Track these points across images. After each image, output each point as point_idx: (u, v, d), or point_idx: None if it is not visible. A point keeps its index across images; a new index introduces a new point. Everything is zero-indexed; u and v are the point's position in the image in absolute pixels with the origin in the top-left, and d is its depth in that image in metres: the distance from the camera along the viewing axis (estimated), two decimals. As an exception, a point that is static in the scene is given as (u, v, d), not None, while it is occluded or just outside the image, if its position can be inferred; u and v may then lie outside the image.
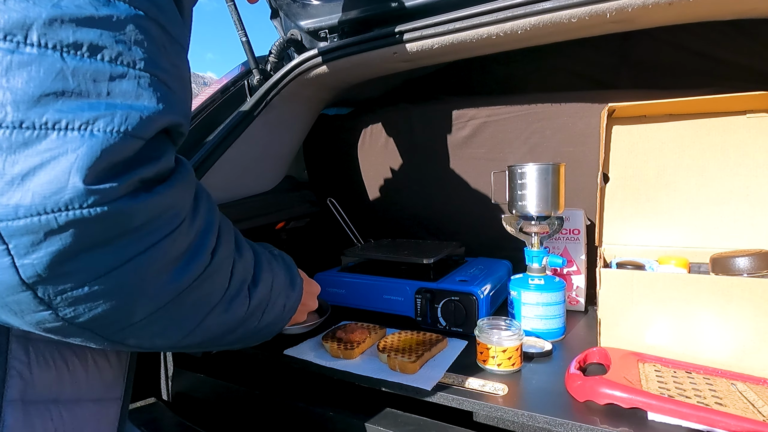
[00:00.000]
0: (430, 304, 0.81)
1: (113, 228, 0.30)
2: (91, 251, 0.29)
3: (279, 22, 0.98)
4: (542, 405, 0.55)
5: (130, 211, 0.30)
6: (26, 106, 0.27)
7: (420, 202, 1.21)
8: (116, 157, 0.29)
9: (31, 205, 0.27)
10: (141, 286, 0.32)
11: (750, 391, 0.55)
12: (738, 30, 0.93)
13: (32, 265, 0.28)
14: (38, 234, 0.28)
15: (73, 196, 0.28)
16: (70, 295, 0.30)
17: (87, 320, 0.32)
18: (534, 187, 0.75)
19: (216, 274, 0.39)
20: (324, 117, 1.26)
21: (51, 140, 0.27)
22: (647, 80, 1.05)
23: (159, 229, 0.33)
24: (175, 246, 0.34)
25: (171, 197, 0.33)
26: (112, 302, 0.32)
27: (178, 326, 0.38)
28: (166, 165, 0.34)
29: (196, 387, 0.84)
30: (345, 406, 0.67)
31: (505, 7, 0.71)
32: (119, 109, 0.30)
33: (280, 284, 0.50)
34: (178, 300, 0.36)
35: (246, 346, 0.50)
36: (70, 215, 0.28)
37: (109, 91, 0.30)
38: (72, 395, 0.43)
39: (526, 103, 1.02)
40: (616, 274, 0.68)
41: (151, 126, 0.31)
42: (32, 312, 0.30)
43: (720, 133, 0.77)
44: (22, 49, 0.28)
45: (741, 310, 0.60)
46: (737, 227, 0.76)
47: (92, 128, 0.28)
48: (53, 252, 0.28)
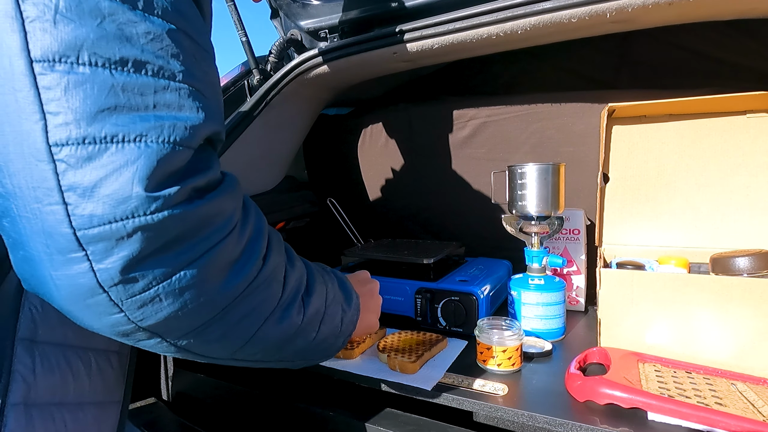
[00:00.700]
0: (430, 304, 0.81)
1: (173, 233, 0.32)
2: (155, 256, 0.32)
3: (279, 22, 0.98)
4: (542, 405, 0.55)
5: (187, 216, 0.32)
6: (86, 122, 0.29)
7: (420, 202, 1.21)
8: (170, 167, 0.32)
9: (103, 215, 0.30)
10: (199, 291, 0.34)
11: (750, 391, 0.55)
12: (738, 30, 0.93)
13: (107, 269, 0.30)
14: (111, 240, 0.30)
15: (138, 204, 0.30)
16: (138, 299, 0.32)
17: (153, 324, 0.34)
18: (534, 187, 0.75)
19: (269, 280, 0.40)
20: (324, 117, 1.26)
21: (111, 153, 0.30)
22: (647, 80, 1.05)
23: (213, 234, 0.34)
24: (228, 251, 0.36)
25: (222, 204, 0.35)
26: (174, 306, 0.33)
27: (236, 334, 0.39)
28: (215, 174, 0.36)
29: (196, 387, 0.84)
30: (345, 406, 0.67)
31: (505, 7, 0.71)
32: (166, 120, 0.32)
33: (335, 296, 0.51)
34: (235, 306, 0.37)
35: (308, 363, 0.51)
36: (136, 222, 0.30)
37: (155, 103, 0.32)
38: (75, 399, 0.43)
39: (526, 103, 1.02)
40: (616, 274, 0.68)
41: (196, 136, 0.33)
42: (108, 315, 0.32)
43: (720, 133, 0.77)
44: (76, 69, 0.29)
45: (741, 310, 0.60)
46: (737, 227, 0.76)
47: (146, 140, 0.31)
48: (124, 257, 0.30)
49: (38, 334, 0.40)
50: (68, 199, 0.29)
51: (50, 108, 0.29)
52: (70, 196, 0.29)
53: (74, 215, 0.29)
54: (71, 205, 0.29)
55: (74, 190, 0.29)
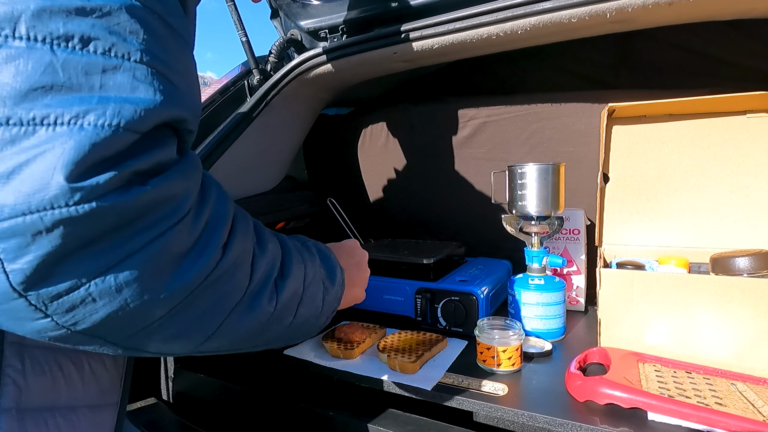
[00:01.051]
0: (430, 304, 0.81)
1: (104, 225, 0.28)
2: (82, 251, 0.28)
3: (279, 22, 0.98)
4: (542, 405, 0.55)
5: (122, 206, 0.28)
6: (13, 101, 0.26)
7: (420, 202, 1.21)
8: (107, 151, 0.28)
9: (15, 205, 0.26)
10: (142, 288, 0.30)
11: (750, 391, 0.55)
12: (738, 30, 0.93)
13: (21, 270, 0.27)
14: (25, 236, 0.26)
15: (57, 193, 0.26)
16: (65, 300, 0.28)
17: (90, 327, 0.30)
18: (534, 187, 0.75)
19: (232, 270, 0.36)
20: (324, 117, 1.26)
21: (39, 136, 0.26)
22: (647, 80, 1.05)
23: (157, 223, 0.30)
24: (177, 242, 0.32)
25: (170, 188, 0.31)
26: (111, 306, 0.30)
27: (197, 329, 0.36)
28: (166, 157, 0.32)
29: (196, 387, 0.84)
30: (345, 406, 0.67)
31: (505, 7, 0.71)
32: (112, 102, 0.28)
33: (315, 274, 0.47)
34: (190, 302, 0.34)
35: (289, 343, 0.47)
36: (56, 214, 0.26)
37: (102, 84, 0.28)
38: (68, 402, 0.42)
39: (526, 103, 1.02)
40: (616, 274, 0.68)
41: (147, 119, 0.30)
42: (30, 320, 0.29)
43: (720, 133, 0.77)
44: (10, 43, 0.26)
45: (741, 310, 0.60)
46: (737, 227, 0.76)
47: (82, 122, 0.27)
48: (42, 255, 0.27)
49: (27, 337, 0.38)
50: None
51: None
52: None
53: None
54: None
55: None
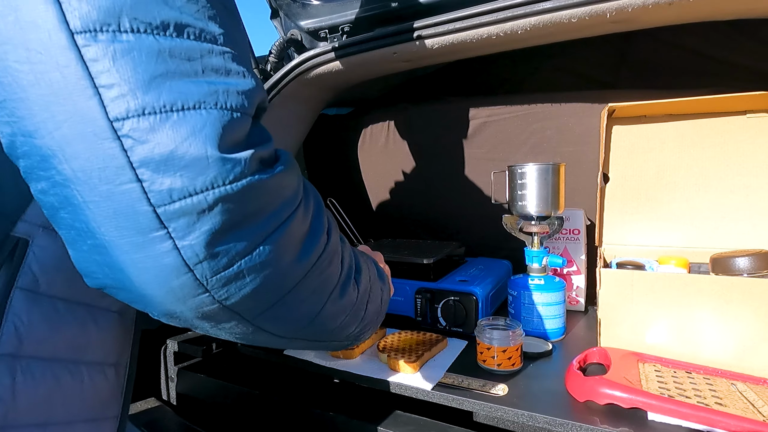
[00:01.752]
0: (430, 304, 0.81)
1: (250, 205, 0.31)
2: (235, 229, 0.30)
3: (279, 22, 0.98)
4: (542, 405, 0.55)
5: (263, 186, 0.31)
6: (142, 92, 0.27)
7: (420, 202, 1.21)
8: (235, 135, 0.30)
9: (182, 188, 0.28)
10: (277, 266, 0.33)
11: (750, 391, 0.55)
12: (738, 30, 0.93)
13: (191, 246, 0.29)
14: (192, 215, 0.28)
15: (216, 173, 0.28)
16: (222, 276, 0.30)
17: (237, 301, 0.32)
18: (534, 187, 0.75)
19: (333, 255, 0.40)
20: (324, 117, 1.26)
21: (174, 122, 0.28)
22: (647, 80, 1.05)
23: (284, 207, 0.33)
24: (298, 224, 0.35)
25: (287, 176, 0.34)
26: (256, 282, 0.32)
27: (305, 310, 0.38)
28: (273, 146, 0.34)
29: (196, 388, 0.84)
30: (345, 406, 0.67)
31: (505, 7, 0.71)
32: (219, 85, 0.30)
33: (373, 275, 0.50)
34: (305, 281, 0.36)
35: (355, 343, 0.50)
36: (217, 193, 0.29)
37: (203, 68, 0.30)
38: (64, 418, 0.40)
39: (526, 103, 1.02)
40: (616, 274, 0.68)
41: (250, 102, 0.32)
42: (193, 296, 0.31)
43: (720, 133, 0.77)
44: (119, 37, 0.27)
45: (741, 310, 0.60)
46: (737, 227, 0.76)
47: (205, 105, 0.29)
48: (207, 231, 0.29)
49: (22, 348, 0.37)
50: (142, 175, 0.27)
51: (101, 81, 0.27)
52: (144, 172, 0.27)
53: (152, 192, 0.28)
54: (146, 182, 0.27)
55: (147, 165, 0.27)
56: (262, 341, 0.39)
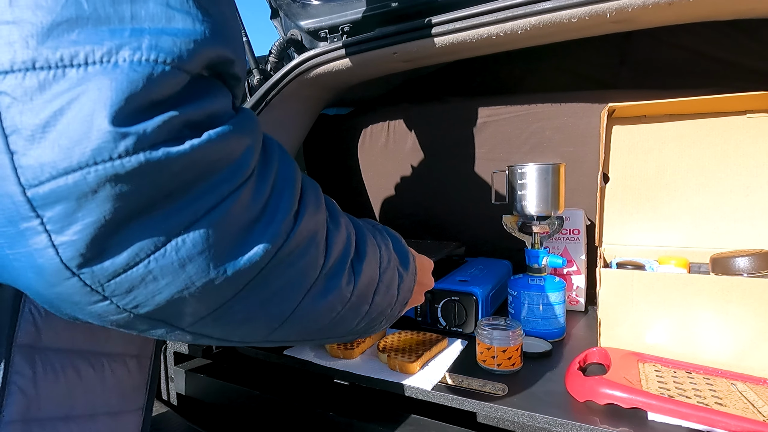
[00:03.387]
0: (430, 304, 0.81)
1: (158, 185, 0.23)
2: (137, 218, 0.23)
3: (279, 22, 0.98)
4: (542, 405, 0.55)
5: (177, 160, 0.23)
6: (36, 41, 0.22)
7: (420, 202, 1.21)
8: (150, 93, 0.23)
9: (54, 162, 0.21)
10: (207, 262, 0.26)
11: (750, 391, 0.55)
12: (738, 30, 0.93)
13: (72, 242, 0.22)
14: (69, 200, 0.22)
15: (100, 143, 0.22)
16: (123, 279, 0.24)
17: (153, 309, 0.26)
18: (534, 187, 0.75)
19: (307, 242, 0.31)
20: (324, 117, 1.26)
21: (70, 78, 0.22)
22: (647, 80, 1.05)
23: (219, 185, 0.26)
24: (243, 207, 0.27)
25: (228, 143, 0.26)
26: (177, 284, 0.25)
27: (270, 313, 0.31)
28: (220, 108, 0.27)
29: (196, 387, 0.84)
30: (345, 406, 0.67)
31: (505, 7, 0.71)
32: (147, 34, 0.23)
33: (390, 259, 0.43)
34: (263, 277, 0.29)
35: (361, 336, 0.44)
36: (100, 170, 0.22)
37: (132, 14, 0.24)
38: (85, 410, 0.38)
39: (526, 103, 1.02)
40: (616, 274, 0.68)
41: (191, 54, 0.25)
42: (88, 304, 0.25)
43: (720, 133, 0.77)
44: None
45: (741, 310, 0.60)
46: (737, 227, 0.76)
47: (116, 58, 0.22)
48: (92, 223, 0.22)
49: (40, 339, 0.35)
50: (13, 145, 0.21)
51: (2, 31, 0.22)
52: (16, 140, 0.21)
53: (21, 167, 0.21)
54: (17, 153, 0.21)
55: (20, 132, 0.21)
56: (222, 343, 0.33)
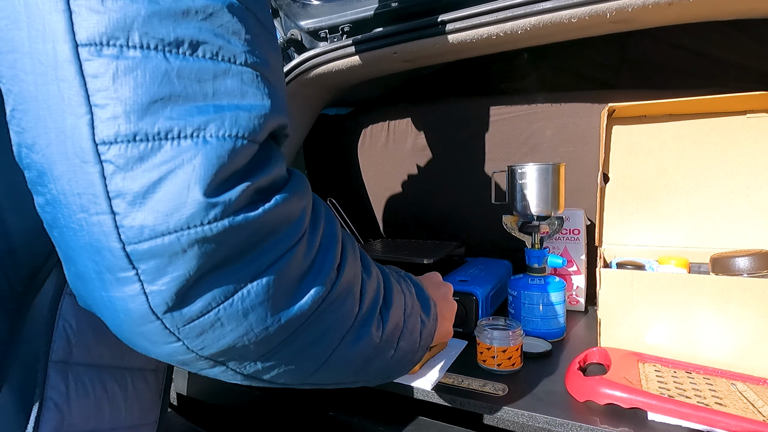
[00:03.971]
0: (430, 304, 0.81)
1: (235, 245, 0.27)
2: (214, 273, 0.27)
3: (279, 22, 0.98)
4: (542, 405, 0.55)
5: (251, 224, 0.27)
6: (137, 116, 0.25)
7: (420, 202, 1.21)
8: (233, 165, 0.27)
9: (154, 226, 0.25)
10: (265, 311, 0.29)
11: (750, 391, 0.55)
12: (738, 30, 0.93)
13: (160, 292, 0.26)
14: (163, 257, 0.25)
15: (194, 211, 0.25)
16: (196, 325, 0.27)
17: (216, 352, 0.29)
18: (534, 187, 0.75)
19: (345, 294, 0.35)
20: (324, 117, 1.26)
21: (165, 151, 0.25)
22: (647, 80, 1.05)
23: (279, 243, 0.29)
24: (297, 262, 0.30)
25: (289, 207, 0.30)
26: (238, 331, 0.29)
27: (310, 357, 0.34)
28: (280, 172, 0.30)
29: (197, 387, 0.84)
30: (345, 406, 0.67)
31: (505, 7, 0.71)
32: (227, 110, 0.27)
33: (414, 306, 0.46)
34: (307, 326, 0.32)
35: (385, 381, 0.45)
36: (191, 234, 0.25)
37: (214, 91, 0.27)
38: (110, 425, 0.40)
39: (526, 103, 1.02)
40: (616, 274, 0.68)
41: (262, 127, 0.28)
42: (164, 344, 0.28)
43: (720, 133, 0.77)
44: (125, 54, 0.25)
45: (741, 310, 0.60)
46: (737, 227, 0.76)
47: (204, 134, 0.26)
48: (178, 277, 0.26)
49: (72, 355, 0.36)
50: (116, 207, 0.25)
51: (97, 100, 0.24)
52: (119, 203, 0.25)
53: (123, 227, 0.25)
54: (119, 215, 0.25)
55: (123, 196, 0.25)
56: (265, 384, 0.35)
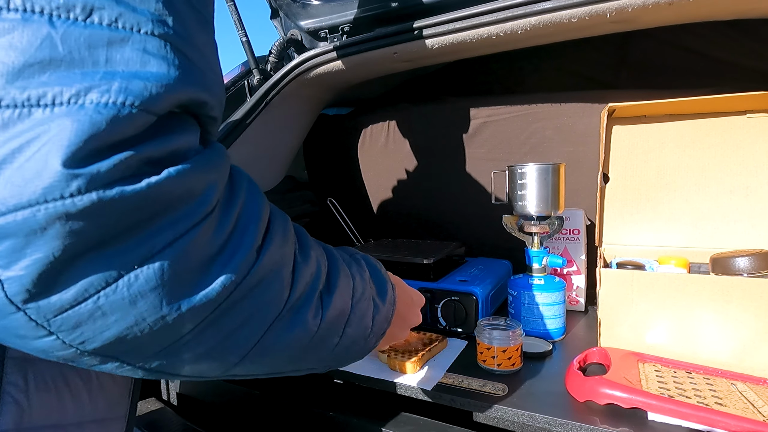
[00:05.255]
0: (430, 304, 0.81)
1: (112, 222, 0.24)
2: (87, 255, 0.24)
3: (279, 22, 0.98)
4: (542, 405, 0.55)
5: (131, 198, 0.24)
6: (5, 80, 0.22)
7: (420, 202, 1.21)
8: (112, 134, 0.24)
9: (5, 200, 0.22)
10: (162, 298, 0.26)
11: (750, 391, 0.55)
12: (738, 30, 0.93)
13: (18, 278, 0.23)
14: (18, 237, 0.22)
15: (52, 182, 0.22)
16: (70, 315, 0.24)
17: (101, 346, 0.26)
18: (534, 187, 0.75)
19: (270, 277, 0.32)
20: (324, 117, 1.26)
21: (34, 119, 0.22)
22: (647, 80, 1.05)
23: (176, 222, 0.26)
24: (202, 243, 0.27)
25: (189, 181, 0.26)
26: (127, 321, 0.25)
27: (228, 349, 0.31)
28: (185, 144, 0.27)
29: (197, 388, 0.84)
30: (345, 406, 0.67)
31: (505, 7, 0.71)
32: (119, 77, 0.24)
33: (365, 290, 0.43)
34: (221, 314, 0.29)
35: (334, 368, 0.43)
36: (50, 208, 0.22)
37: (107, 58, 0.24)
38: (74, 419, 0.39)
39: (526, 103, 1.02)
40: (616, 274, 0.68)
41: (161, 98, 0.25)
42: (33, 338, 0.25)
43: (720, 133, 0.77)
44: (4, 16, 0.23)
45: (741, 310, 0.60)
46: (737, 227, 0.76)
47: (83, 100, 0.23)
48: (40, 260, 0.23)
49: None
50: None
51: None
52: None
53: None
54: None
55: None
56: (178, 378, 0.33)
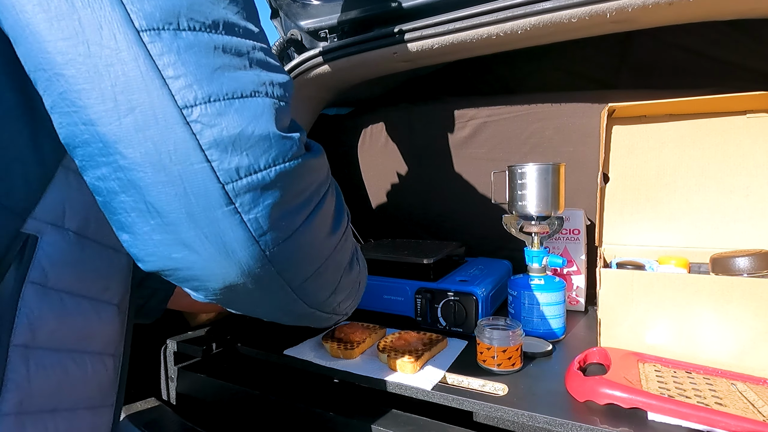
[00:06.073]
0: (430, 304, 0.81)
1: (302, 181, 0.35)
2: (291, 203, 0.34)
3: (279, 22, 0.98)
4: (542, 405, 0.55)
5: (311, 165, 0.35)
6: (207, 81, 0.31)
7: (420, 202, 1.21)
8: (283, 120, 0.34)
9: (249, 165, 0.31)
10: (316, 239, 0.37)
11: (750, 391, 0.55)
12: (738, 30, 0.93)
13: (256, 219, 0.32)
14: (256, 190, 0.32)
15: (277, 152, 0.32)
16: (284, 247, 0.34)
17: (286, 270, 0.36)
18: (534, 187, 0.75)
19: (349, 234, 0.44)
20: (324, 117, 1.26)
21: (237, 108, 0.31)
22: (647, 80, 1.05)
23: (323, 185, 0.38)
24: (330, 202, 0.39)
25: (323, 158, 0.38)
26: (303, 252, 0.36)
27: (330, 282, 0.42)
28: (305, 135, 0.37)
29: (196, 388, 0.84)
30: (345, 406, 0.67)
31: (505, 7, 0.71)
32: (264, 77, 0.33)
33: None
34: (335, 254, 0.40)
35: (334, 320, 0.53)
36: (278, 169, 0.32)
37: (250, 62, 0.33)
38: (70, 405, 0.42)
39: (526, 103, 1.02)
40: (616, 274, 0.68)
41: (288, 92, 0.35)
42: (258, 267, 0.34)
43: (720, 133, 0.77)
44: (180, 35, 0.31)
45: (741, 310, 0.60)
46: (737, 227, 0.76)
47: (260, 94, 0.32)
48: (269, 205, 0.32)
49: (34, 339, 0.39)
50: (211, 156, 0.30)
51: (168, 73, 0.30)
52: (212, 153, 0.30)
53: (220, 170, 0.31)
54: (215, 161, 0.31)
55: (216, 146, 0.30)
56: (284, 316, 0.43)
